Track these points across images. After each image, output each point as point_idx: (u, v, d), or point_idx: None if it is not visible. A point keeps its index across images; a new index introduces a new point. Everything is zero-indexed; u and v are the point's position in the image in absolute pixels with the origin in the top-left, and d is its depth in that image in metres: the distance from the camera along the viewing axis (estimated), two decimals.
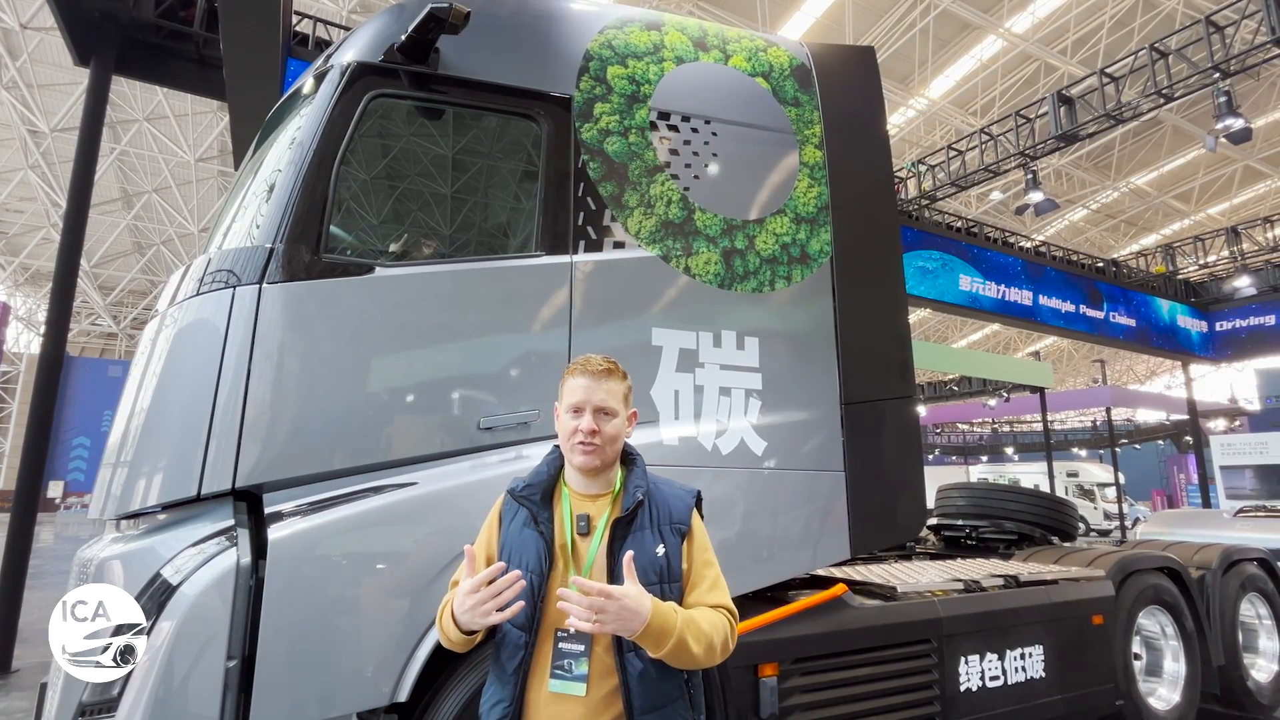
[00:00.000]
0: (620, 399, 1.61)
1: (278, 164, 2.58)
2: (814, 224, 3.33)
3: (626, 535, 1.50)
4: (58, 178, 25.16)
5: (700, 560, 1.55)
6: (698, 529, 1.60)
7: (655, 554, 1.48)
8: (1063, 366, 42.31)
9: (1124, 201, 28.31)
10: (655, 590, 1.44)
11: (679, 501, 1.59)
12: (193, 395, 2.24)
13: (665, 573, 1.48)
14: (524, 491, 1.61)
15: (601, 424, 1.56)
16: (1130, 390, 32.28)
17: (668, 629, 1.35)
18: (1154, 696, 4.23)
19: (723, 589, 1.55)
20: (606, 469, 1.59)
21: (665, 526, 1.53)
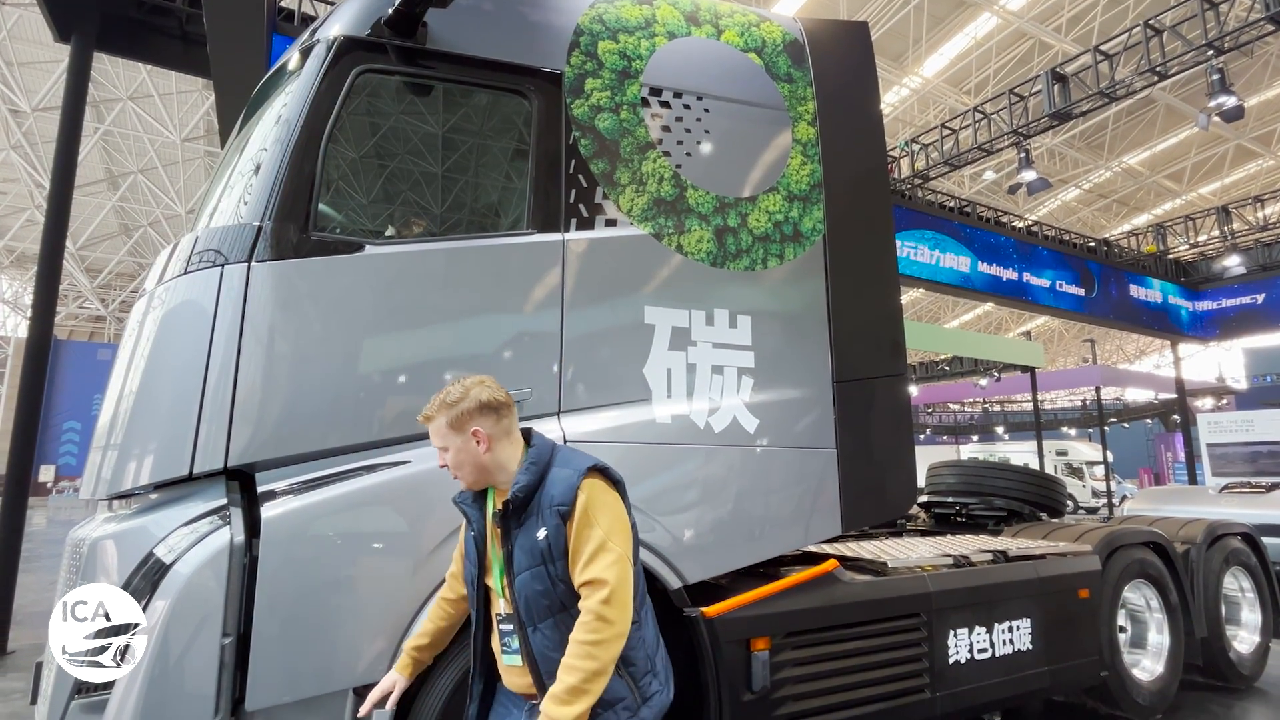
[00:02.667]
0: (443, 434, 1.76)
1: (264, 141, 2.55)
2: (807, 202, 3.32)
3: (521, 524, 1.66)
4: (41, 158, 24.75)
5: (579, 537, 1.61)
6: (581, 505, 1.63)
7: (537, 539, 1.62)
8: (1053, 347, 42.56)
9: (1116, 181, 28.32)
10: (540, 570, 1.61)
11: (564, 484, 1.65)
12: (183, 374, 2.23)
13: (546, 554, 1.61)
14: (459, 498, 1.88)
15: (445, 459, 1.79)
16: (1120, 369, 32.57)
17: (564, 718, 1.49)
18: (1138, 668, 4.32)
19: (598, 561, 1.58)
20: (485, 483, 1.79)
21: (547, 510, 1.63)
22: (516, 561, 1.63)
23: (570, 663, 1.51)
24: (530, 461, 1.71)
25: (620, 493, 1.72)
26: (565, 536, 1.61)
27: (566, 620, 1.59)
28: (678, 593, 2.69)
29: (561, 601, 1.60)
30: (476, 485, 1.78)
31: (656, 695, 1.66)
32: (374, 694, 1.87)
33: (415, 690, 2.29)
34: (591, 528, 1.61)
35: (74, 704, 2.07)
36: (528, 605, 1.62)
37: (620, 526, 1.65)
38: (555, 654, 1.57)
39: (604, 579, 1.55)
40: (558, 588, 1.60)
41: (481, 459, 1.74)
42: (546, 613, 1.60)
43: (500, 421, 1.76)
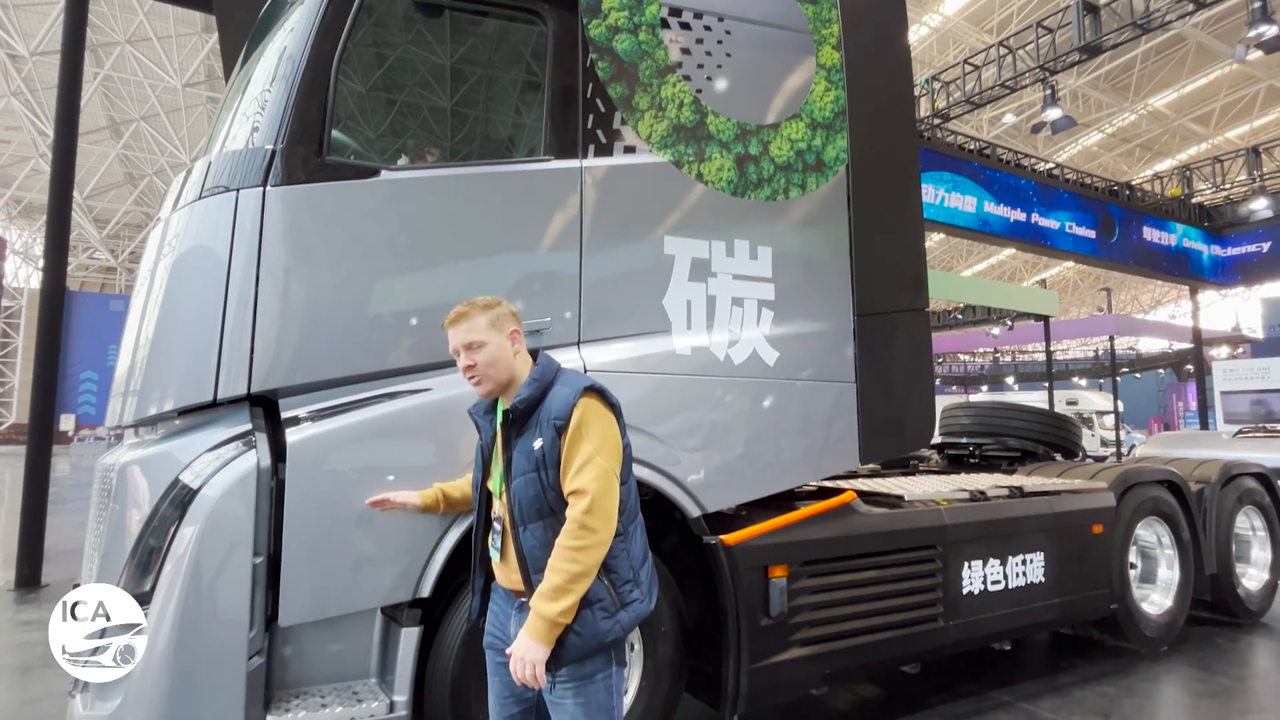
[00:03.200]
0: (483, 330, 1.83)
1: (273, 64, 2.47)
2: (830, 130, 3.22)
3: (521, 435, 1.77)
4: (41, 104, 24.42)
5: (570, 450, 1.71)
6: (576, 420, 1.72)
7: (533, 448, 1.74)
8: (1068, 296, 42.04)
9: (1141, 124, 27.47)
10: (533, 477, 1.73)
11: (562, 400, 1.74)
12: (203, 300, 2.22)
13: (540, 462, 1.72)
14: (472, 409, 1.99)
15: (474, 357, 1.83)
16: (1135, 319, 32.21)
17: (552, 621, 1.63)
18: (1147, 602, 4.37)
19: (584, 473, 1.68)
20: (506, 388, 1.85)
21: (546, 423, 1.73)
22: (514, 466, 1.75)
23: (555, 564, 1.65)
24: (534, 377, 1.81)
25: (615, 415, 1.81)
26: (559, 448, 1.72)
27: (553, 524, 1.71)
28: (697, 521, 2.72)
29: (550, 507, 1.72)
30: (496, 391, 1.86)
31: (636, 603, 1.76)
32: (384, 496, 2.07)
33: (441, 613, 2.35)
34: (582, 441, 1.71)
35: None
36: (520, 507, 1.74)
37: (609, 444, 1.75)
38: (541, 552, 1.71)
39: (587, 489, 1.66)
40: (548, 494, 1.72)
41: (513, 361, 1.84)
42: (536, 516, 1.73)
43: (519, 329, 1.90)
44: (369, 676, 2.31)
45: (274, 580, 2.13)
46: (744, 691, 2.67)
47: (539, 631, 1.63)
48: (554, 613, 1.62)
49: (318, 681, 2.25)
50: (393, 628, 2.30)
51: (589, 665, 1.71)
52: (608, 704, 1.74)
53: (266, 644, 2.13)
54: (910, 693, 3.67)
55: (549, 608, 1.62)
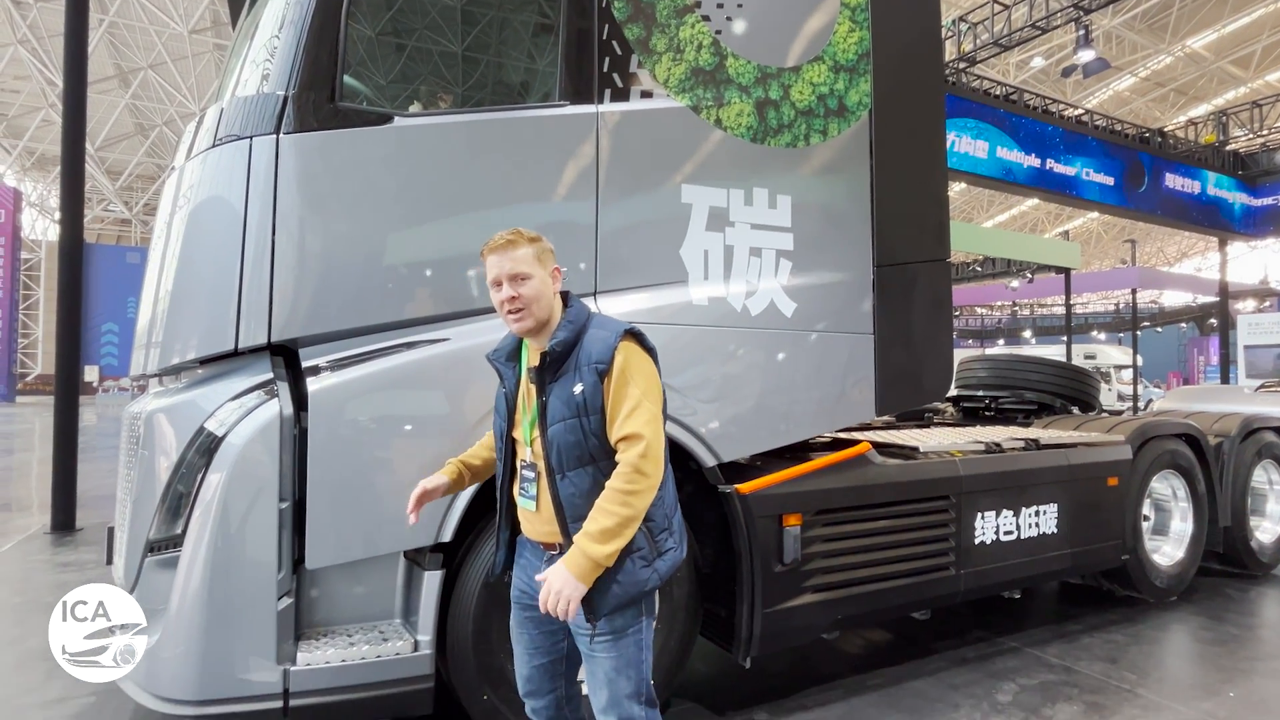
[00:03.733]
0: (531, 262, 1.73)
1: (283, 8, 2.41)
2: (853, 73, 3.11)
3: (556, 379, 1.70)
4: (49, 52, 24.12)
5: (617, 394, 1.65)
6: (619, 365, 1.66)
7: (573, 392, 1.67)
8: (1090, 248, 41.14)
9: (1177, 67, 26.33)
10: (574, 423, 1.66)
11: (601, 343, 1.68)
12: (220, 250, 2.22)
13: (581, 408, 1.66)
14: (492, 355, 1.88)
15: (519, 289, 1.71)
16: (1159, 271, 31.54)
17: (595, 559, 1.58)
18: (1158, 553, 4.40)
19: (635, 417, 1.63)
20: (543, 327, 1.75)
21: (585, 367, 1.67)
22: (551, 412, 1.68)
23: (606, 507, 1.59)
24: (569, 319, 1.74)
25: (654, 358, 1.76)
26: (601, 394, 1.66)
27: (594, 472, 1.66)
28: (712, 470, 2.75)
29: (591, 454, 1.66)
30: (534, 330, 1.75)
31: (671, 551, 1.75)
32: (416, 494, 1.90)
33: (462, 557, 2.41)
34: (629, 385, 1.66)
35: (148, 561, 2.21)
36: (559, 455, 1.67)
37: (655, 387, 1.71)
38: (581, 501, 1.66)
39: (641, 434, 1.62)
40: (589, 441, 1.66)
41: (551, 298, 1.75)
42: (577, 463, 1.67)
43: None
44: (394, 617, 2.39)
45: (300, 525, 2.19)
46: (757, 635, 2.74)
47: (581, 569, 1.57)
48: (601, 554, 1.57)
49: (345, 622, 2.33)
50: (415, 571, 2.37)
51: (622, 619, 1.69)
52: (638, 659, 1.72)
53: (295, 585, 2.21)
54: (920, 637, 3.75)
55: (596, 549, 1.57)
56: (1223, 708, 3.01)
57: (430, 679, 2.29)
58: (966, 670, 3.36)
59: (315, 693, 2.15)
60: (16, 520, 6.68)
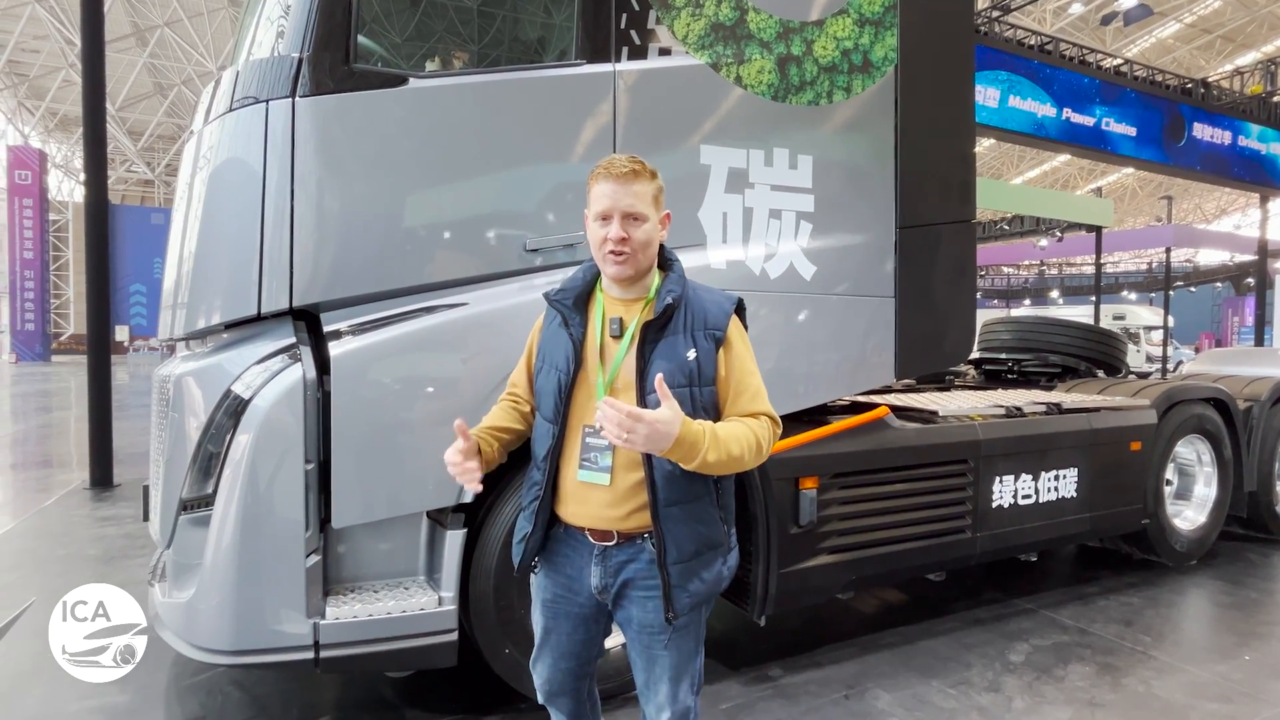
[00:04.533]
0: (649, 201, 1.49)
1: None
2: (879, 26, 3.00)
3: (659, 339, 1.47)
4: (66, 11, 24.03)
5: (740, 370, 1.50)
6: (736, 337, 1.52)
7: (686, 358, 1.46)
8: (1124, 205, 39.89)
9: (1225, 12, 25.03)
10: (684, 392, 1.43)
11: (716, 308, 1.51)
12: (241, 214, 2.24)
13: (695, 376, 1.46)
14: (557, 295, 1.60)
15: (631, 230, 1.46)
16: (1196, 229, 30.52)
17: (696, 448, 1.34)
18: (1179, 518, 4.37)
19: (763, 398, 1.52)
20: (641, 276, 1.53)
21: (699, 331, 1.48)
22: (648, 382, 1.43)
23: (740, 437, 1.40)
24: (679, 275, 1.55)
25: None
26: (714, 363, 1.48)
27: None
28: None
29: None
30: (632, 278, 1.51)
31: (734, 550, 1.63)
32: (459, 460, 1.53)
33: (483, 516, 2.46)
34: (750, 361, 1.53)
35: (182, 519, 2.29)
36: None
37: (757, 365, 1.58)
38: (680, 480, 1.45)
39: (776, 417, 1.51)
40: (698, 413, 1.42)
41: (651, 246, 1.51)
42: None
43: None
44: (418, 574, 2.46)
45: (325, 485, 2.24)
46: (772, 594, 2.79)
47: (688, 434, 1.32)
48: (710, 455, 1.35)
49: (371, 578, 2.41)
50: (438, 530, 2.43)
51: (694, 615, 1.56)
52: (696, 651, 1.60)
53: (322, 544, 2.28)
54: (934, 598, 3.80)
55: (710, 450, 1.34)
56: (1238, 671, 3.02)
57: (453, 633, 2.36)
58: (980, 630, 3.41)
59: (344, 645, 2.24)
60: (58, 476, 6.94)
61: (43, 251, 29.61)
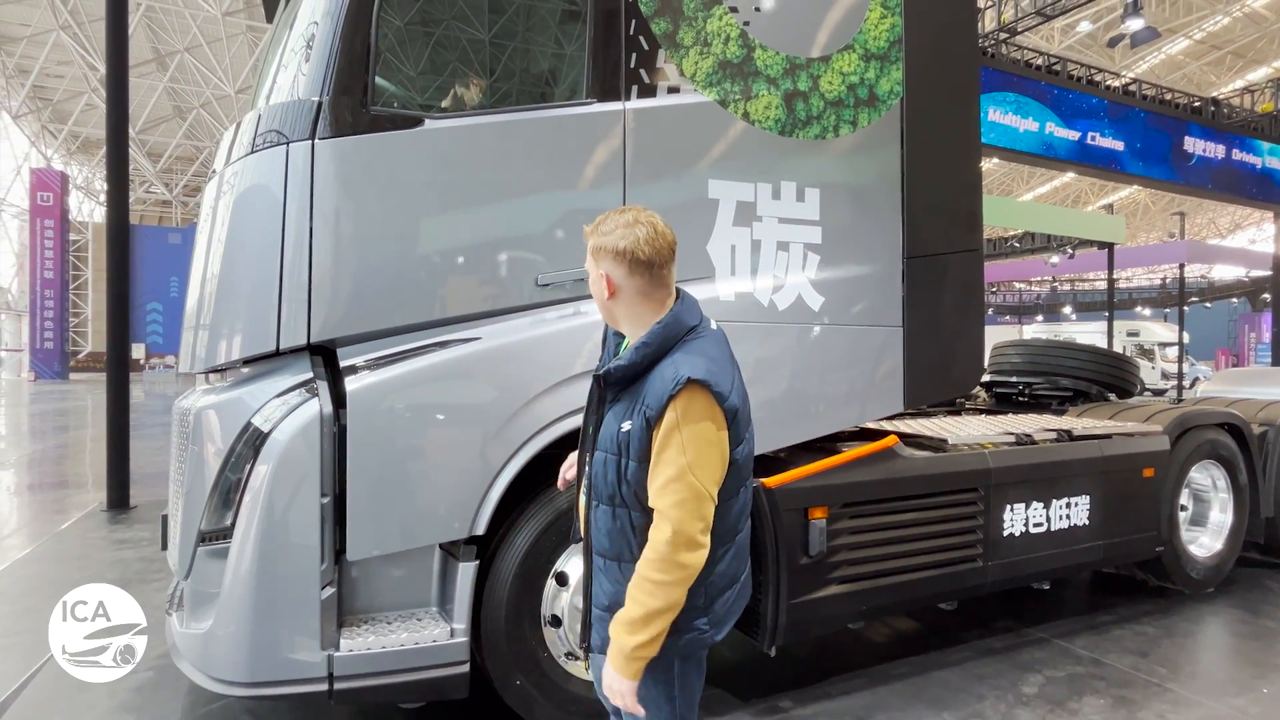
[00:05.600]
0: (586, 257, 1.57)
1: (315, 13, 2.45)
2: (885, 61, 3.05)
3: (615, 400, 1.51)
4: (89, 38, 24.65)
5: (660, 457, 1.42)
6: (669, 420, 1.41)
7: (620, 429, 1.48)
8: (1137, 220, 39.72)
9: (1235, 29, 25.03)
10: (611, 459, 1.48)
11: (660, 385, 1.43)
12: (260, 253, 2.30)
13: (623, 449, 1.47)
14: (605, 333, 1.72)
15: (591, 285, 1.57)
16: (1209, 245, 30.31)
17: (633, 653, 1.39)
18: (1195, 544, 4.33)
19: (670, 493, 1.39)
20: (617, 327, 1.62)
21: (639, 405, 1.45)
22: (600, 437, 1.52)
23: (636, 594, 1.40)
24: (644, 341, 1.47)
25: (728, 416, 1.45)
26: (646, 443, 1.43)
27: (621, 515, 1.49)
28: None
29: (622, 498, 1.48)
30: (609, 323, 1.62)
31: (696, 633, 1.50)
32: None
33: (495, 547, 2.49)
34: (671, 449, 1.40)
35: (200, 550, 2.33)
36: (596, 481, 1.53)
37: (705, 456, 1.41)
38: (605, 540, 1.52)
39: (669, 516, 1.39)
40: (622, 486, 1.47)
41: (605, 303, 1.56)
42: (608, 500, 1.51)
43: (632, 277, 1.50)
44: (430, 605, 2.49)
45: (340, 518, 2.28)
46: (782, 624, 2.79)
47: (619, 665, 1.40)
48: (629, 647, 1.38)
49: (384, 609, 2.44)
50: (451, 562, 2.46)
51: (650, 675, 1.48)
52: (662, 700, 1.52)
53: (337, 576, 2.31)
54: (946, 628, 3.77)
55: (625, 640, 1.39)
56: (1256, 704, 2.98)
57: (465, 664, 2.39)
58: (993, 661, 3.38)
59: (357, 676, 2.27)
60: (74, 497, 7.03)
61: (62, 271, 30.12)
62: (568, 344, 2.52)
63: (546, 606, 2.54)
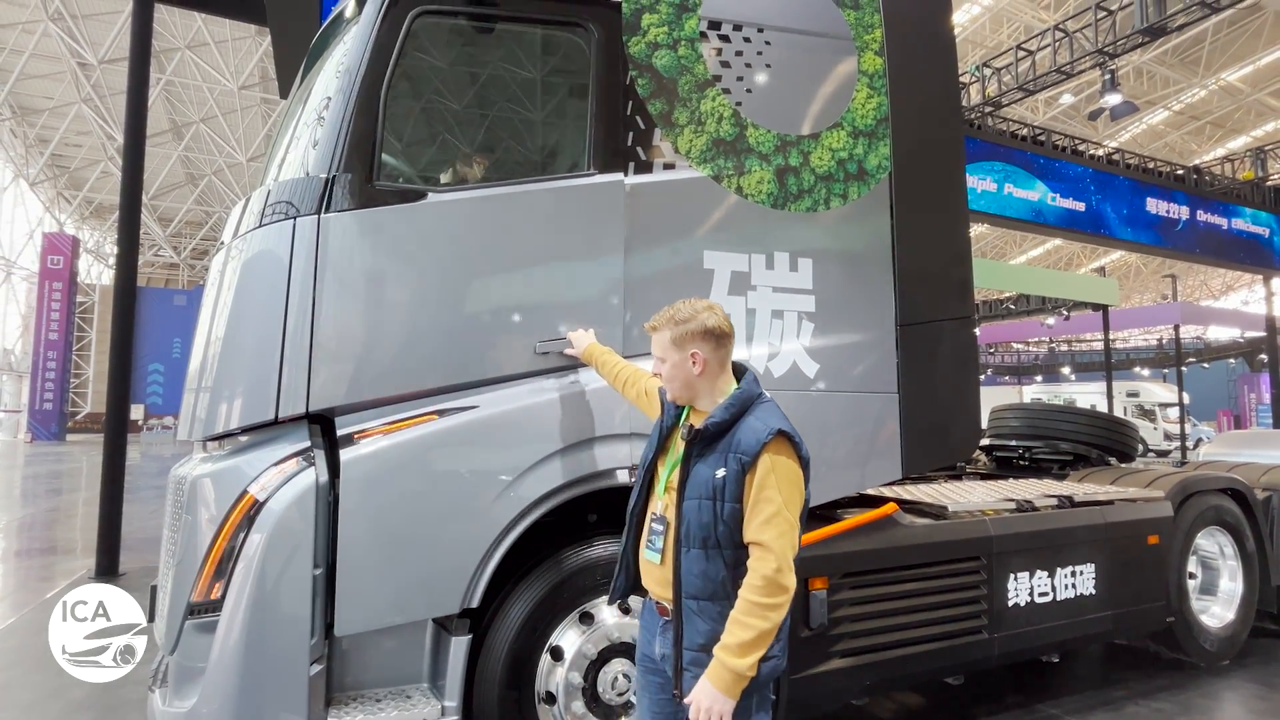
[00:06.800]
0: (664, 348, 1.85)
1: (326, 91, 2.57)
2: (872, 137, 3.18)
3: (702, 455, 1.75)
4: (109, 110, 25.60)
5: (759, 496, 1.66)
6: (764, 464, 1.67)
7: (715, 474, 1.70)
8: (1129, 282, 40.31)
9: (1212, 101, 26.02)
10: (707, 504, 1.69)
11: (752, 435, 1.70)
12: (263, 325, 2.34)
13: (719, 492, 1.68)
14: (664, 408, 1.96)
15: (660, 369, 1.88)
16: (1202, 307, 30.68)
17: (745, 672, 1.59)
18: (1207, 614, 4.23)
19: (773, 526, 1.64)
20: (689, 399, 1.87)
21: (732, 454, 1.70)
22: (690, 486, 1.73)
23: (743, 619, 1.60)
24: (731, 401, 1.77)
25: (804, 467, 1.73)
26: (741, 485, 1.67)
27: (716, 557, 1.69)
28: None
29: (718, 539, 1.68)
30: (681, 400, 1.88)
31: (774, 659, 1.69)
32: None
33: (489, 621, 2.44)
34: (771, 489, 1.66)
35: (188, 624, 2.28)
36: (688, 529, 1.71)
37: (796, 497, 1.70)
38: (699, 582, 1.69)
39: (772, 547, 1.62)
40: (718, 527, 1.68)
41: (693, 379, 1.83)
42: (700, 544, 1.69)
43: (717, 350, 1.83)
44: (421, 681, 2.42)
45: (332, 591, 2.24)
46: (783, 701, 2.70)
47: (726, 684, 1.58)
48: (742, 667, 1.58)
49: (373, 685, 2.37)
50: (443, 635, 2.40)
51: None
52: None
53: (326, 650, 2.26)
54: (954, 702, 3.65)
55: (737, 662, 1.58)
56: None
57: None
58: None
59: None
60: (62, 564, 6.89)
61: (67, 332, 30.38)
62: (565, 412, 2.53)
63: (541, 683, 2.47)
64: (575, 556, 2.55)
